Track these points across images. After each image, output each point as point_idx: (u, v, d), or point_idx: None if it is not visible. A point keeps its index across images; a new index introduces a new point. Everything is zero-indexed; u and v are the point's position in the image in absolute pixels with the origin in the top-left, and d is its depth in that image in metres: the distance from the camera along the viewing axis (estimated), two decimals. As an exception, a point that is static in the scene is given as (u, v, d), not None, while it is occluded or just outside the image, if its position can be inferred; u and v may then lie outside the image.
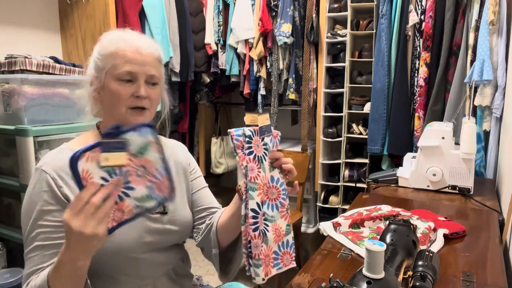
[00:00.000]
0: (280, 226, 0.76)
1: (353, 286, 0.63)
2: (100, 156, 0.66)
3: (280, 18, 2.43)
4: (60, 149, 0.91)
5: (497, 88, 1.83)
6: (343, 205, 2.48)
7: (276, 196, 0.76)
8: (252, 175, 0.73)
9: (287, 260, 0.78)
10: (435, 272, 0.79)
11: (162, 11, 2.42)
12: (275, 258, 0.76)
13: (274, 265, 0.76)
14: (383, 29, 2.21)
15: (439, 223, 1.19)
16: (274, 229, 0.75)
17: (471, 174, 1.55)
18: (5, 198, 1.93)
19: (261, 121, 0.75)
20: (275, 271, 0.77)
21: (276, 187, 0.76)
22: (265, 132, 0.77)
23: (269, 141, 0.77)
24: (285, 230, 0.77)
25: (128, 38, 0.89)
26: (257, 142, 0.75)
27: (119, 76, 0.86)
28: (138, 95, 0.87)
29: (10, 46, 2.18)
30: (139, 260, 0.89)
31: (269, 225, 0.75)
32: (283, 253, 0.77)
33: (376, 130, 2.29)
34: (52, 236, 0.80)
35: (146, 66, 0.88)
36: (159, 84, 0.92)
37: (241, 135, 0.75)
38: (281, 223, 0.76)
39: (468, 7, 2.01)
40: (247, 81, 2.68)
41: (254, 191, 0.73)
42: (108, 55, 0.88)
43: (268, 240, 0.75)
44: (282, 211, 0.76)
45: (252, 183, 0.73)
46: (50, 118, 1.80)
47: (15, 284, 1.71)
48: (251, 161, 0.74)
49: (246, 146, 0.74)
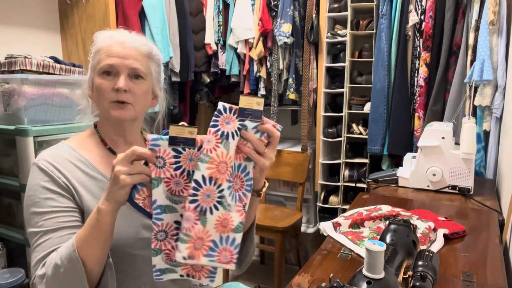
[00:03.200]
0: (231, 218, 0.70)
1: (353, 286, 0.63)
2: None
3: (280, 18, 2.43)
4: (57, 146, 0.92)
5: (497, 88, 1.83)
6: (343, 205, 2.48)
7: (239, 186, 0.71)
8: (207, 147, 0.68)
9: (224, 258, 0.71)
10: (435, 272, 0.79)
11: (162, 11, 2.42)
12: (210, 248, 0.70)
13: (206, 255, 0.70)
14: (383, 29, 2.21)
15: (439, 223, 1.19)
16: (221, 218, 0.70)
17: (471, 174, 1.55)
18: (5, 198, 1.94)
19: (245, 103, 0.69)
20: (205, 261, 0.70)
21: (241, 178, 0.71)
22: (248, 116, 0.70)
23: (250, 126, 0.71)
24: (234, 226, 0.70)
25: (115, 35, 0.90)
26: (229, 119, 0.69)
27: (101, 70, 0.87)
28: (117, 87, 0.85)
29: (10, 46, 2.18)
30: (136, 256, 0.89)
31: (219, 210, 0.69)
32: (223, 249, 0.70)
33: (376, 130, 2.29)
34: (60, 221, 0.80)
35: (129, 59, 0.87)
36: (145, 79, 0.91)
37: (158, 142, 0.69)
38: (233, 216, 0.70)
39: (468, 7, 2.01)
40: (247, 81, 2.68)
41: (203, 162, 0.68)
42: (95, 52, 0.90)
43: (206, 222, 0.69)
44: (239, 205, 0.71)
45: (204, 155, 0.68)
46: (50, 118, 1.80)
47: (15, 284, 1.71)
48: (210, 133, 0.69)
49: (172, 154, 0.69)
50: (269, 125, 0.72)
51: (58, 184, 0.83)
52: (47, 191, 0.82)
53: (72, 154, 0.89)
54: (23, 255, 1.82)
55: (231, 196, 0.70)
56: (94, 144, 0.94)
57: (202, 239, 0.70)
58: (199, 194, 0.69)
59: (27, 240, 1.76)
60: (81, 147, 0.92)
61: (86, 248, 0.72)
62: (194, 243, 0.69)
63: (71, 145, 0.92)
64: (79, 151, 0.90)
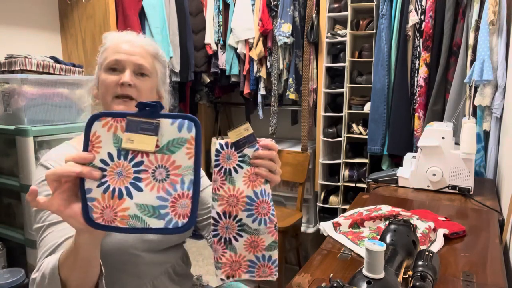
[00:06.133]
0: (260, 240, 0.73)
1: (353, 286, 0.63)
2: (124, 135, 0.55)
3: (280, 18, 2.43)
4: (61, 145, 0.92)
5: (497, 88, 1.83)
6: (343, 205, 2.48)
7: (266, 211, 0.72)
8: (214, 186, 0.71)
9: (263, 273, 0.75)
10: (435, 272, 0.79)
11: (162, 11, 2.42)
12: (249, 265, 0.74)
13: (246, 271, 0.75)
14: (383, 29, 2.21)
15: (439, 223, 1.19)
16: (249, 240, 0.73)
17: (471, 174, 1.55)
18: (5, 198, 1.94)
19: (235, 136, 0.70)
20: (247, 276, 0.75)
21: (266, 201, 0.73)
22: (243, 145, 0.71)
23: (250, 152, 0.71)
24: (267, 245, 0.73)
25: (123, 35, 0.93)
26: (229, 154, 0.71)
27: (107, 66, 0.88)
28: (121, 82, 0.86)
29: (10, 46, 2.18)
30: (138, 257, 0.89)
31: (243, 236, 0.73)
32: (262, 265, 0.74)
33: (376, 130, 2.29)
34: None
35: (135, 55, 0.88)
36: (150, 77, 0.91)
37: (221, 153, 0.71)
38: (265, 237, 0.73)
39: (468, 7, 2.01)
40: (247, 81, 2.68)
41: (215, 201, 0.71)
42: (103, 50, 0.91)
43: (234, 249, 0.73)
44: (270, 227, 0.73)
45: (214, 194, 0.71)
46: (50, 118, 1.80)
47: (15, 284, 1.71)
48: (215, 173, 0.71)
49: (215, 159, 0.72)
50: (267, 141, 0.73)
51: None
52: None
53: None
54: (23, 255, 1.82)
55: (257, 221, 0.72)
56: None
57: (238, 261, 0.74)
58: (219, 228, 0.72)
59: (27, 240, 1.77)
60: None
61: (68, 271, 0.67)
62: (230, 266, 0.73)
63: (75, 145, 0.92)
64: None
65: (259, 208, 0.72)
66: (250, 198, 0.72)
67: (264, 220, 0.73)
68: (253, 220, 0.72)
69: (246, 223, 0.72)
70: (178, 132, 0.57)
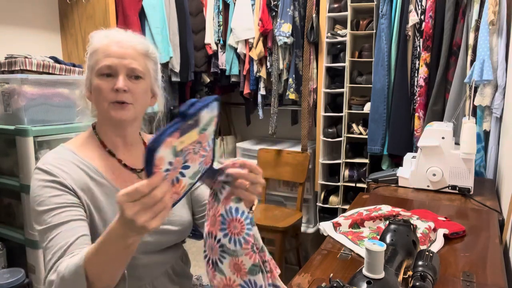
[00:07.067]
0: (241, 263, 0.68)
1: (353, 286, 0.63)
2: (177, 141, 0.58)
3: (280, 18, 2.43)
4: (57, 149, 0.91)
5: (497, 88, 1.83)
6: (343, 205, 2.48)
7: (239, 230, 0.68)
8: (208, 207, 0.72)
9: None
10: (435, 272, 0.79)
11: (162, 11, 2.42)
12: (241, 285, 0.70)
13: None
14: (383, 29, 2.21)
15: (439, 223, 1.19)
16: (232, 264, 0.69)
17: (471, 174, 1.55)
18: (5, 198, 1.94)
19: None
20: None
21: (240, 220, 0.68)
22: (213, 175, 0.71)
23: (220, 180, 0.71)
24: (248, 269, 0.68)
25: (111, 35, 0.90)
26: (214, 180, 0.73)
27: (100, 71, 0.87)
28: (116, 88, 0.85)
29: (10, 46, 2.18)
30: (137, 259, 0.88)
31: (226, 258, 0.69)
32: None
33: (376, 130, 2.29)
34: (68, 214, 0.79)
35: (127, 59, 0.87)
36: (144, 78, 0.90)
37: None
38: (244, 260, 0.68)
39: (468, 7, 2.01)
40: (247, 81, 2.68)
41: (206, 221, 0.72)
42: (92, 52, 0.89)
43: (222, 271, 0.70)
44: (246, 248, 0.67)
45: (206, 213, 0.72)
46: (50, 118, 1.80)
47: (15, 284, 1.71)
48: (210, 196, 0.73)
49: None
50: (232, 170, 0.71)
51: (62, 184, 0.82)
52: (51, 189, 0.81)
53: (74, 158, 0.88)
54: (23, 255, 1.82)
55: (232, 241, 0.69)
56: (93, 146, 0.93)
57: (229, 285, 0.70)
58: (207, 248, 0.72)
59: (27, 240, 1.77)
60: (81, 150, 0.91)
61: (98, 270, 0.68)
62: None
63: (71, 148, 0.90)
64: (79, 154, 0.89)
65: (231, 227, 0.69)
66: (222, 216, 0.69)
67: (239, 240, 0.68)
68: (229, 241, 0.68)
69: (225, 244, 0.69)
70: (210, 114, 0.64)
